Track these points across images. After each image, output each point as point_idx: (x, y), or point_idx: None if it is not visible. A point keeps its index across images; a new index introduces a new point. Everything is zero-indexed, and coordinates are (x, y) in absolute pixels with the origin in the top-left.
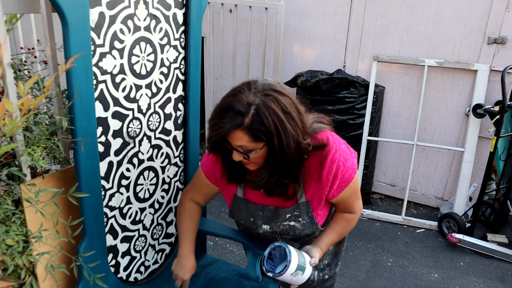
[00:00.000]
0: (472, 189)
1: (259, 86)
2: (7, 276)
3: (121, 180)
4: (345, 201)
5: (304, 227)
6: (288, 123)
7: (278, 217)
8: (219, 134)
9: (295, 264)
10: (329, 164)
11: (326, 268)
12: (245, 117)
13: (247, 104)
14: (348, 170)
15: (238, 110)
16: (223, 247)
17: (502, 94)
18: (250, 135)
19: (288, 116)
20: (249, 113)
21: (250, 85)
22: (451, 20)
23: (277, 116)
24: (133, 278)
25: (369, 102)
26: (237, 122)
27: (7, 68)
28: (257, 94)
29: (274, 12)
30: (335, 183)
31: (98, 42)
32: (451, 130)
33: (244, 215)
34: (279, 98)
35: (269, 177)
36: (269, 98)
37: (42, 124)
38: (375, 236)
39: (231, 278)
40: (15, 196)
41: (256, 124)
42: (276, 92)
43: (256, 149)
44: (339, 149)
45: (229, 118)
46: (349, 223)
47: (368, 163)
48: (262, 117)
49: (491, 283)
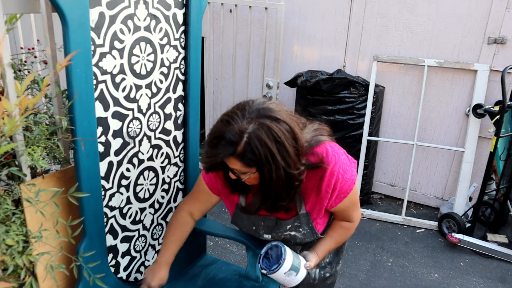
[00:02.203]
0: (472, 189)
1: (254, 111)
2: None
3: (121, 180)
4: (344, 211)
5: (304, 236)
6: (279, 154)
7: (279, 228)
8: (213, 162)
9: (289, 263)
10: (328, 177)
11: (328, 266)
12: (238, 146)
13: (239, 132)
14: (347, 182)
15: (230, 140)
16: (223, 247)
17: (502, 94)
18: (242, 162)
19: (280, 146)
20: (242, 141)
21: (245, 110)
22: (451, 20)
23: (267, 147)
24: (133, 278)
25: (369, 102)
26: (229, 151)
27: (7, 68)
28: (250, 122)
29: (274, 12)
30: (334, 195)
31: (98, 42)
32: (451, 130)
33: (246, 223)
34: (272, 127)
35: (261, 204)
36: (261, 126)
37: (42, 124)
38: (375, 236)
39: (231, 278)
40: (15, 196)
41: (247, 153)
42: (271, 118)
43: (249, 172)
44: (338, 161)
45: (222, 147)
46: (347, 231)
47: (368, 163)
48: (253, 147)
49: (491, 283)
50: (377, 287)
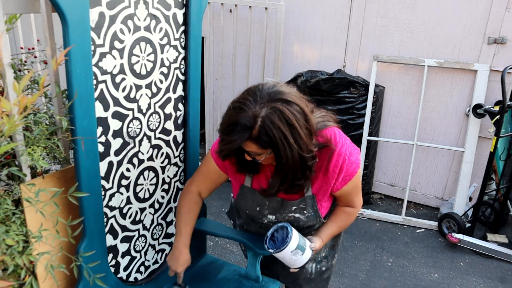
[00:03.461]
0: (472, 189)
1: (265, 96)
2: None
3: (121, 180)
4: (347, 195)
5: (308, 219)
6: (292, 137)
7: (284, 209)
8: (230, 148)
9: (295, 242)
10: (336, 158)
11: (324, 260)
12: (253, 130)
13: (253, 117)
14: (352, 164)
15: (245, 125)
16: (223, 247)
17: (502, 94)
18: (258, 144)
19: (293, 129)
20: (256, 125)
21: (256, 94)
22: (451, 20)
23: (280, 130)
24: (133, 278)
25: (369, 102)
26: (246, 136)
27: (7, 68)
28: (263, 106)
29: (274, 12)
30: (340, 176)
31: (98, 42)
32: (451, 130)
33: (250, 204)
34: (284, 110)
35: (280, 185)
36: (274, 110)
37: (42, 124)
38: (375, 236)
39: (231, 278)
40: (15, 196)
41: (262, 136)
42: (282, 101)
43: (265, 153)
44: (345, 143)
45: (238, 132)
46: (349, 216)
47: (368, 163)
48: (268, 130)
49: (491, 283)
50: (377, 287)
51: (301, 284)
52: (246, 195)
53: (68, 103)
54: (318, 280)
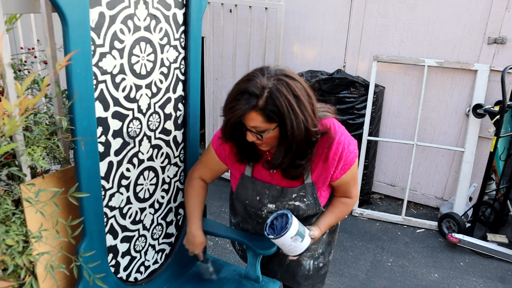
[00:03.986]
0: (472, 189)
1: (272, 71)
2: (7, 276)
3: (121, 180)
4: (345, 185)
5: (308, 208)
6: (298, 107)
7: (284, 197)
8: (237, 115)
9: (295, 228)
10: (336, 145)
11: (321, 257)
12: (260, 99)
13: (261, 87)
14: (351, 154)
15: (253, 93)
16: (223, 247)
17: (502, 94)
18: (264, 116)
19: (299, 100)
20: (263, 95)
21: (263, 70)
22: (451, 20)
23: (288, 100)
24: (133, 278)
25: (369, 102)
26: (253, 103)
27: (7, 68)
28: (270, 79)
29: (274, 12)
30: (340, 164)
31: (98, 42)
32: (451, 130)
33: (251, 194)
34: (290, 83)
35: (283, 157)
36: (281, 82)
37: (42, 124)
38: (375, 236)
39: (231, 278)
40: (15, 196)
41: (269, 105)
42: (288, 77)
43: (269, 129)
44: (344, 133)
45: (245, 100)
46: (346, 207)
47: (368, 163)
48: (275, 99)
49: (491, 283)
50: (377, 287)
51: (299, 281)
52: (246, 184)
53: (68, 103)
54: (316, 276)
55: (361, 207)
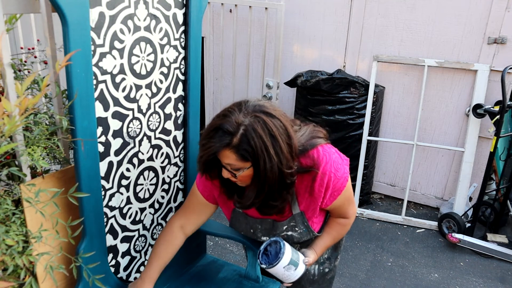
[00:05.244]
0: (472, 189)
1: (250, 107)
2: (7, 276)
3: (121, 180)
4: (339, 208)
5: (301, 235)
6: (273, 148)
7: (276, 230)
8: (209, 153)
9: (288, 257)
10: (320, 177)
11: (326, 262)
12: (234, 137)
13: (236, 124)
14: (339, 180)
15: (227, 130)
16: (223, 247)
17: (502, 94)
18: (237, 154)
19: (275, 141)
20: (238, 133)
21: (241, 105)
22: (451, 20)
23: (262, 140)
24: (133, 278)
25: (369, 102)
26: (226, 141)
27: (7, 68)
28: (247, 115)
29: (274, 12)
30: (328, 193)
31: (98, 42)
32: (451, 130)
33: (244, 227)
34: (268, 121)
35: (255, 197)
36: (257, 120)
37: (42, 124)
38: (375, 236)
39: (231, 278)
40: (15, 196)
41: (243, 144)
42: (266, 114)
43: (243, 168)
44: (330, 160)
45: (219, 137)
46: (343, 227)
47: (368, 163)
48: (249, 138)
49: (491, 283)
50: (377, 287)
51: (304, 286)
52: (239, 219)
53: (68, 103)
54: (321, 281)
55: (361, 207)
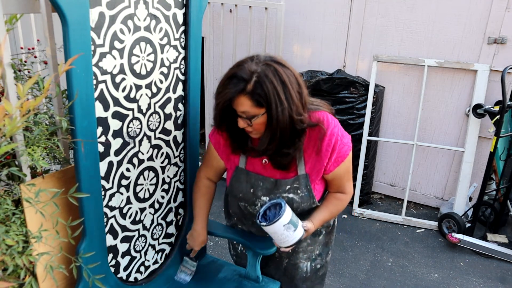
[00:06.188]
0: (472, 189)
1: (261, 58)
2: (7, 276)
3: (121, 180)
4: (339, 179)
5: (302, 200)
6: (283, 93)
7: (278, 189)
8: (225, 99)
9: (288, 216)
10: (328, 137)
11: (318, 258)
12: (248, 83)
13: (249, 72)
14: (344, 146)
15: (242, 77)
16: (223, 247)
17: (502, 94)
18: (252, 100)
19: (285, 86)
20: (252, 80)
21: (253, 57)
22: (451, 20)
23: (273, 85)
24: (133, 278)
25: (369, 102)
26: (241, 87)
27: (7, 68)
28: (259, 64)
29: (274, 12)
30: (333, 156)
31: (98, 42)
32: (451, 130)
33: (244, 186)
34: (278, 69)
35: (268, 143)
36: (269, 68)
37: (42, 124)
38: (375, 236)
39: (231, 278)
40: (15, 196)
41: (257, 90)
42: (277, 63)
43: (258, 114)
44: (337, 125)
45: (234, 84)
46: (340, 202)
47: (368, 163)
48: (263, 84)
49: (491, 283)
50: (377, 287)
51: (297, 284)
52: (240, 177)
53: (68, 103)
54: (314, 278)
55: (361, 207)
